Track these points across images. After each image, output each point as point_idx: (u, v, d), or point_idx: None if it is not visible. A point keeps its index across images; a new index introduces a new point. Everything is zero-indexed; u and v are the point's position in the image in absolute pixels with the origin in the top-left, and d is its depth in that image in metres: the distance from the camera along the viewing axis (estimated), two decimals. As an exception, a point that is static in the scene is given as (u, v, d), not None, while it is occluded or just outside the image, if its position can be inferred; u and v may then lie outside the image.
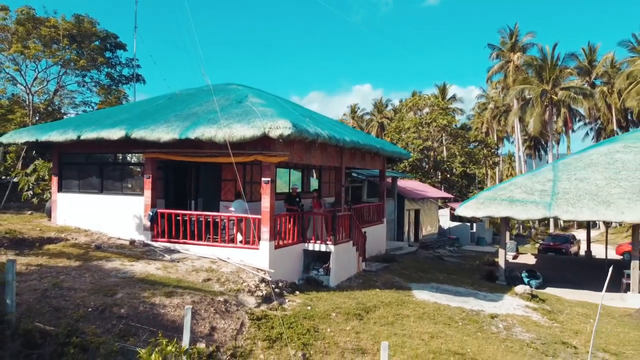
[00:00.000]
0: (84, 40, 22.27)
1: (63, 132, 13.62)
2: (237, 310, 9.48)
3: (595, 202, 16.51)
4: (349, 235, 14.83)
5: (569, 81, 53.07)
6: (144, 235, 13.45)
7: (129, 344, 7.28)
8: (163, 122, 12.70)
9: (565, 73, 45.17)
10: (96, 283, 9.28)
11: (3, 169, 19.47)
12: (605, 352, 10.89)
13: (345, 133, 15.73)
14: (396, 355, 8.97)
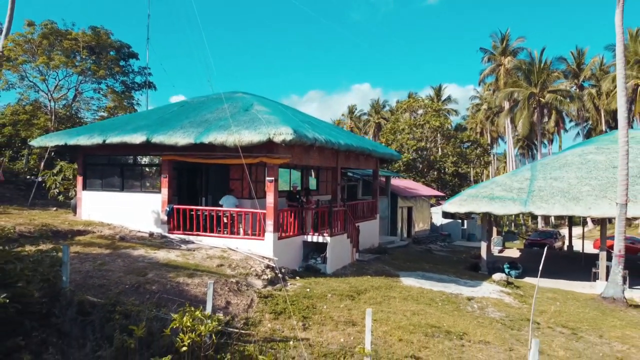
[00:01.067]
0: (101, 52, 23.91)
1: (90, 136, 15.19)
2: (247, 289, 11.07)
3: (566, 198, 18.13)
4: (343, 229, 16.44)
5: (558, 83, 54.85)
6: (162, 228, 15.03)
7: (161, 312, 8.86)
8: (179, 128, 14.28)
9: (552, 76, 46.76)
10: (128, 266, 10.87)
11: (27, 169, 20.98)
12: (564, 327, 12.50)
13: (340, 136, 17.32)
14: (382, 327, 10.55)
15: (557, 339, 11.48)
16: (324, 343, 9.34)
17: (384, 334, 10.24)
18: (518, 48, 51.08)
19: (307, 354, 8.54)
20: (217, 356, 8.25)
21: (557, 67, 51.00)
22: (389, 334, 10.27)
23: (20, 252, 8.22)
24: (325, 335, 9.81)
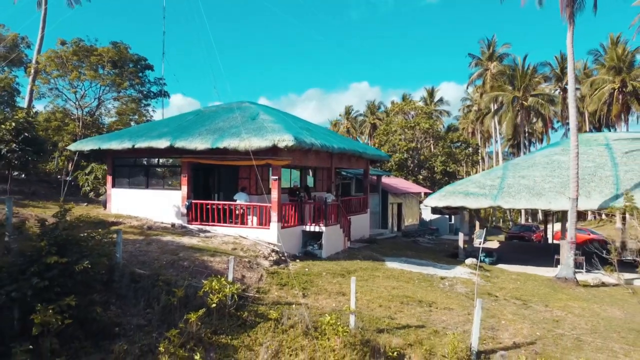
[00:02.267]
0: (123, 65, 26.30)
1: (120, 142, 17.58)
2: (257, 267, 13.51)
3: (530, 194, 20.60)
4: (337, 220, 18.87)
5: (544, 86, 57.50)
6: (182, 220, 17.44)
7: (193, 281, 11.29)
8: (197, 135, 16.68)
9: (534, 81, 49.22)
10: (162, 248, 13.29)
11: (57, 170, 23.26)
12: (518, 299, 14.97)
13: (334, 141, 19.74)
14: (366, 297, 12.97)
15: (509, 307, 13.94)
16: (319, 307, 11.77)
17: (368, 302, 12.67)
18: (504, 54, 53.64)
19: (306, 313, 10.94)
20: (237, 313, 10.71)
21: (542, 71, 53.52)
22: (372, 302, 12.70)
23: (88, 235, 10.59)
24: (320, 301, 12.24)
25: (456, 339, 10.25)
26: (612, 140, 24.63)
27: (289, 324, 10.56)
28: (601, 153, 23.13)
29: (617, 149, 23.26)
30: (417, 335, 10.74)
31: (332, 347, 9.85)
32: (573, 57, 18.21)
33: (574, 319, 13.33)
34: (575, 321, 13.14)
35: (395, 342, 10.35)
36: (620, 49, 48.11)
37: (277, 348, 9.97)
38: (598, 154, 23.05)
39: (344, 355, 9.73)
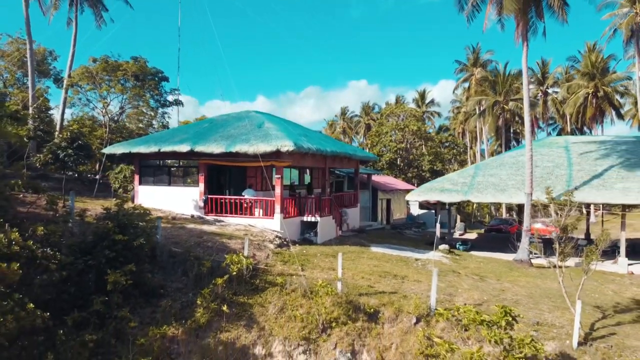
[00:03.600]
0: (144, 78, 29.27)
1: (147, 146, 20.57)
2: (265, 248, 16.55)
3: (496, 190, 23.68)
4: (330, 212, 21.92)
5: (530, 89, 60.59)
6: (199, 212, 20.45)
7: (216, 257, 14.32)
8: (213, 141, 19.68)
9: (514, 87, 52.24)
10: (188, 233, 16.32)
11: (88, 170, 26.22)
12: (477, 275, 18.05)
13: (327, 145, 22.77)
14: (351, 272, 15.98)
15: (468, 281, 17.02)
16: (314, 277, 14.80)
17: (353, 275, 15.70)
18: (487, 60, 56.71)
19: (304, 281, 13.97)
20: (251, 280, 13.75)
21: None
22: (356, 275, 15.74)
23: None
24: (315, 274, 15.28)
25: (419, 300, 13.33)
26: (571, 143, 27.73)
27: (291, 288, 13.61)
28: (560, 154, 26.21)
29: (574, 151, 26.35)
30: (390, 298, 13.78)
31: (324, 305, 12.87)
32: (527, 74, 21.30)
33: (518, 289, 16.43)
34: (518, 290, 16.24)
35: (373, 302, 13.39)
36: (594, 57, 51.16)
37: (282, 305, 13.02)
38: (557, 155, 26.13)
39: (333, 311, 12.78)
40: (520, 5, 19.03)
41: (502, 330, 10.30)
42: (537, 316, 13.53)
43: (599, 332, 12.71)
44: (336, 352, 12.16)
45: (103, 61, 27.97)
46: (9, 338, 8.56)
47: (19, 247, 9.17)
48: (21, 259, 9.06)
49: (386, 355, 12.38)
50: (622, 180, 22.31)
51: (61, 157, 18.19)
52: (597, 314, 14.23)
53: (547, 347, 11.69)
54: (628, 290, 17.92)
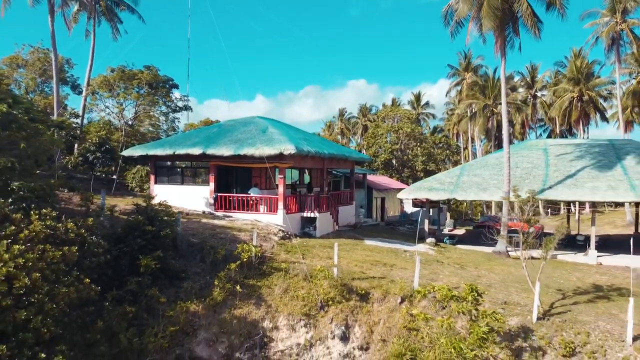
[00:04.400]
0: (157, 86, 31.28)
1: (163, 149, 22.55)
2: (270, 240, 18.55)
3: (479, 189, 25.71)
4: (327, 209, 23.93)
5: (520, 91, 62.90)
6: (210, 208, 22.43)
7: (229, 246, 16.33)
8: (223, 144, 21.67)
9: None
10: (202, 226, 18.32)
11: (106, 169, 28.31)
12: (457, 264, 20.07)
13: (325, 147, 24.77)
14: (346, 260, 17.98)
15: (449, 269, 19.05)
16: (313, 264, 16.80)
17: (347, 263, 17.71)
18: (478, 65, 58.82)
19: (305, 267, 15.98)
20: (259, 266, 15.78)
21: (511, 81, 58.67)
22: (350, 263, 17.75)
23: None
24: (314, 262, 17.27)
25: (404, 284, 15.35)
26: (550, 146, 29.78)
27: (294, 273, 15.64)
28: (539, 156, 28.26)
29: (552, 153, 28.40)
30: (379, 282, 15.81)
31: (322, 287, 14.89)
32: (505, 84, 23.30)
33: (492, 276, 18.47)
34: (492, 277, 18.28)
35: (364, 285, 15.42)
36: (579, 62, 53.24)
37: (286, 287, 15.05)
38: (536, 157, 28.18)
39: (330, 292, 14.80)
40: (497, 23, 21.04)
41: (469, 304, 12.33)
42: (506, 297, 15.55)
43: (557, 310, 14.74)
44: (332, 325, 14.19)
45: (120, 71, 29.99)
46: (70, 306, 10.57)
47: (74, 235, 11.17)
48: (76, 244, 11.06)
49: (375, 328, 14.42)
50: (592, 180, 24.36)
51: (90, 160, 20.19)
52: (559, 296, 16.26)
53: (511, 321, 13.74)
54: (591, 277, 19.96)
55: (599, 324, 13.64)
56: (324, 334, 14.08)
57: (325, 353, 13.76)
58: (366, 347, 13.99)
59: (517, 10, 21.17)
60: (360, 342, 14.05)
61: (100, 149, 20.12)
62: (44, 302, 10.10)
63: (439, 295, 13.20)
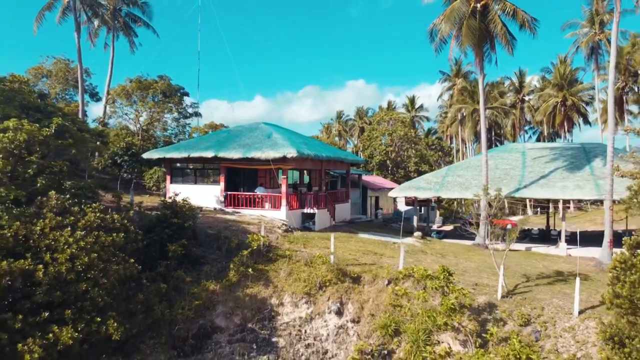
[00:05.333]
0: (170, 94, 33.71)
1: (179, 152, 24.94)
2: (275, 232, 20.97)
3: (461, 188, 28.15)
4: (325, 206, 26.36)
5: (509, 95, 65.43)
6: (220, 205, 24.82)
7: (240, 236, 18.74)
8: (232, 148, 24.07)
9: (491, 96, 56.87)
10: (216, 220, 20.72)
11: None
12: (439, 254, 22.50)
13: (323, 151, 27.18)
14: (341, 250, 20.38)
15: (431, 257, 21.48)
16: (313, 253, 19.21)
17: (342, 252, 20.12)
18: (468, 71, 61.30)
19: (306, 255, 18.39)
20: (266, 254, 18.19)
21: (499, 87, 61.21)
22: (345, 252, 20.15)
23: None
24: (314, 250, 19.67)
25: (391, 269, 17.76)
26: (528, 149, 32.25)
27: (296, 259, 18.07)
28: (517, 158, 30.73)
29: (529, 156, 30.87)
30: (369, 268, 18.23)
31: (320, 271, 17.30)
32: (483, 95, 25.71)
33: (469, 263, 20.92)
34: (468, 264, 20.73)
35: (356, 270, 17.84)
36: (562, 69, 55.78)
37: (289, 271, 17.46)
38: (514, 159, 30.65)
39: (327, 275, 17.20)
40: (476, 41, 23.47)
41: (441, 282, 14.78)
42: (477, 280, 18.01)
43: (520, 290, 17.20)
44: (329, 302, 16.62)
45: (137, 81, 32.40)
46: (118, 281, 12.98)
47: (119, 224, 13.58)
48: (121, 232, 13.47)
49: (365, 305, 16.85)
50: (563, 180, 26.83)
51: (118, 162, 22.60)
52: (524, 280, 18.72)
53: (479, 299, 16.19)
54: (557, 265, 22.41)
55: (553, 301, 16.08)
56: (322, 309, 16.51)
57: (323, 325, 16.19)
58: (357, 320, 16.41)
59: (493, 30, 23.60)
60: (353, 316, 16.49)
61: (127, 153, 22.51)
62: (99, 277, 12.52)
63: (417, 275, 15.65)
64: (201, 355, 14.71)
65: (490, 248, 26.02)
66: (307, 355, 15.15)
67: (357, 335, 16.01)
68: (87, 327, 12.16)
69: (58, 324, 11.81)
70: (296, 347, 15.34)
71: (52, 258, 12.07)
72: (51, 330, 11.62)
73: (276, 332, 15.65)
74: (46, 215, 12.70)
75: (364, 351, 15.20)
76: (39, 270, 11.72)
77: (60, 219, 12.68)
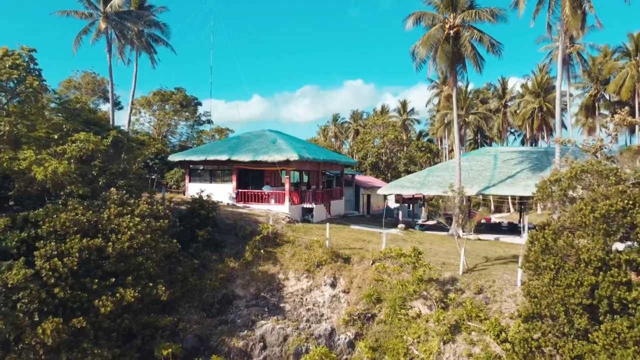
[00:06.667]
0: (187, 105, 37.44)
1: (197, 156, 28.64)
2: (280, 223, 24.71)
3: (439, 186, 31.90)
4: (322, 201, 30.11)
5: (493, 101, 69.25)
6: (232, 201, 28.53)
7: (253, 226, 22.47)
8: (243, 152, 27.78)
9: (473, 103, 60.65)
10: (231, 213, 24.44)
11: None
12: (418, 242, 26.25)
13: (320, 154, 30.91)
14: (335, 238, 24.11)
15: (410, 244, 25.16)
16: (311, 239, 22.94)
17: (336, 239, 23.83)
18: (454, 80, 65.01)
19: (306, 240, 22.11)
20: (274, 239, 21.94)
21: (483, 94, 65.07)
22: (339, 239, 23.86)
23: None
24: (313, 237, 23.40)
25: (375, 252, 21.49)
26: (500, 152, 36.05)
27: (298, 244, 21.81)
28: (489, 161, 34.52)
29: (500, 158, 34.66)
30: (358, 251, 21.98)
31: (318, 253, 21.03)
32: (457, 109, 29.44)
33: (441, 249, 24.70)
34: (440, 249, 24.50)
35: (347, 253, 21.59)
36: (540, 77, 59.62)
37: (293, 253, 21.22)
38: (487, 161, 34.44)
39: (323, 256, 20.93)
40: (449, 63, 27.23)
41: (412, 258, 18.54)
42: (445, 261, 21.76)
43: (478, 268, 20.97)
44: (325, 277, 20.36)
45: (159, 93, 36.09)
46: (164, 256, 16.70)
47: (163, 213, 17.30)
48: (166, 219, 17.19)
49: (353, 280, 20.60)
50: (526, 179, 30.60)
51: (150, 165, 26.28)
52: (483, 260, 22.48)
53: (445, 274, 19.94)
54: (516, 251, 26.12)
55: (504, 276, 19.86)
56: (319, 282, 20.26)
57: (320, 294, 19.93)
58: (347, 291, 20.17)
59: (464, 53, 27.33)
60: (344, 288, 20.24)
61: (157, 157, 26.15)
62: (150, 253, 16.26)
63: (394, 253, 19.43)
64: (225, 316, 18.44)
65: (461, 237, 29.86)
66: (307, 317, 18.87)
67: (347, 302, 19.77)
68: (143, 290, 15.89)
69: (122, 287, 15.54)
70: (299, 310, 19.07)
71: (116, 238, 15.79)
72: (117, 291, 15.36)
73: (283, 299, 19.40)
74: (110, 206, 16.42)
75: (353, 314, 18.95)
76: (108, 247, 15.45)
77: (121, 208, 16.39)
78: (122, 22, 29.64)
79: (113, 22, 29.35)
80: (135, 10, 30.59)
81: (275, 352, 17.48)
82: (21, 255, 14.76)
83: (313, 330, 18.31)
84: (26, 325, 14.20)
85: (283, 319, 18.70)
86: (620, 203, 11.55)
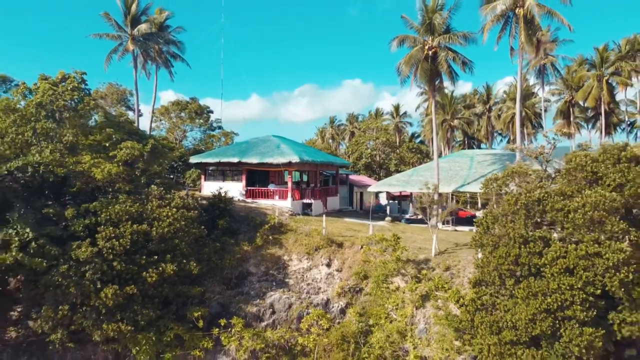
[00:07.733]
0: (200, 113, 41.40)
1: (212, 158, 32.59)
2: (284, 215, 28.69)
3: (421, 184, 35.81)
4: (319, 198, 34.10)
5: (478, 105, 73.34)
6: (242, 197, 32.48)
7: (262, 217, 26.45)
8: (251, 155, 31.74)
9: (457, 108, 64.71)
10: (242, 207, 28.42)
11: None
12: (402, 231, 30.20)
13: (318, 156, 34.88)
14: (330, 227, 28.06)
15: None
16: (311, 228, 26.88)
17: (331, 229, 27.81)
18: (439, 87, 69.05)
19: (306, 229, 26.08)
20: (279, 228, 25.93)
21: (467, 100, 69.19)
22: (333, 229, 27.85)
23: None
24: (311, 227, 27.37)
25: (363, 238, 25.50)
26: (476, 155, 40.08)
27: (299, 232, 25.80)
28: (466, 162, 38.52)
29: (476, 160, 38.68)
30: (349, 238, 25.98)
31: (316, 239, 25.02)
32: (435, 119, 33.40)
33: (420, 237, 28.71)
34: (419, 238, 28.51)
35: (340, 239, 25.59)
36: (519, 85, 63.64)
37: (295, 239, 25.21)
38: (464, 162, 38.45)
39: (320, 242, 24.93)
40: (428, 78, 31.25)
41: (392, 242, 22.55)
42: (422, 246, 25.77)
43: (448, 251, 24.99)
44: (322, 259, 24.36)
45: (177, 103, 40.01)
46: (194, 240, 20.67)
47: (192, 206, 21.25)
48: (195, 210, 21.14)
49: (345, 261, 24.62)
50: (496, 179, 34.61)
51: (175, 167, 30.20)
52: (453, 246, 26.49)
53: (420, 256, 23.97)
54: (484, 239, 30.20)
55: (468, 257, 23.83)
56: (317, 263, 24.27)
57: (317, 272, 23.93)
58: (340, 270, 24.18)
59: (441, 70, 31.34)
60: (337, 267, 24.24)
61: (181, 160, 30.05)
62: (184, 236, 20.24)
63: (377, 238, 23.45)
64: (241, 288, 22.44)
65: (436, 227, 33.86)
66: (307, 290, 22.88)
67: (340, 278, 23.79)
68: (178, 266, 19.86)
69: (163, 263, 19.51)
70: (301, 284, 23.08)
71: (158, 224, 19.75)
72: (160, 265, 19.32)
73: (288, 276, 23.40)
74: (152, 200, 20.39)
75: (344, 288, 22.97)
76: (152, 231, 19.43)
77: (160, 201, 20.36)
78: (146, 42, 33.53)
79: (139, 42, 33.22)
80: (157, 32, 34.49)
81: (282, 316, 21.49)
82: (86, 237, 18.73)
83: (312, 299, 22.32)
84: (91, 291, 18.16)
85: (288, 291, 22.69)
86: (536, 195, 15.55)
